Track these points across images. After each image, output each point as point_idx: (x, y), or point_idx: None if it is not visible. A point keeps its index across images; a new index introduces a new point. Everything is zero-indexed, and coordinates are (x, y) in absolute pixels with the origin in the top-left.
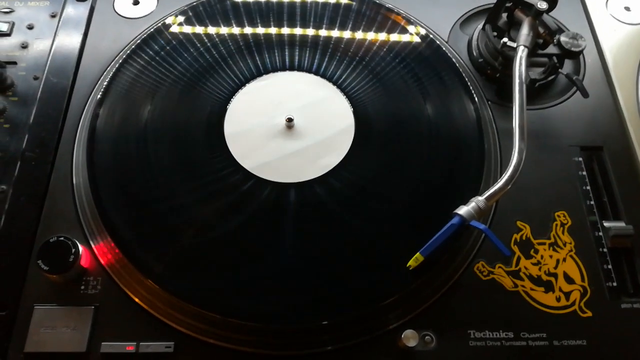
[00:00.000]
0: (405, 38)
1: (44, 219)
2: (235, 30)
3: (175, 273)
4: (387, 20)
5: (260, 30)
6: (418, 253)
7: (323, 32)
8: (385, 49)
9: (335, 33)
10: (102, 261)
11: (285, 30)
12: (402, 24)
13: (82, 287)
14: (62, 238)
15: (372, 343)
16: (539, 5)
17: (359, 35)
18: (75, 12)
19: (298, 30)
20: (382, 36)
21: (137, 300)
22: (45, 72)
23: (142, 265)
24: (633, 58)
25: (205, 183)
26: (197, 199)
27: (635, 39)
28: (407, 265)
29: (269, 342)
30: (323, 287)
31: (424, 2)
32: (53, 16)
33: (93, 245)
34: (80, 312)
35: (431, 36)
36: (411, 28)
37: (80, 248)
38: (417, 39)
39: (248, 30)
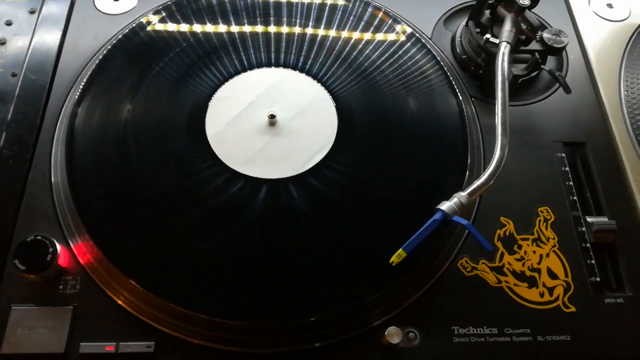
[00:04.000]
0: (389, 35)
1: (22, 218)
2: (219, 26)
3: (156, 272)
4: (372, 17)
5: (245, 26)
6: (400, 249)
7: (307, 29)
8: (368, 46)
9: (319, 30)
10: (81, 261)
11: (270, 27)
12: (386, 20)
13: (61, 287)
14: (39, 237)
15: (357, 340)
16: (521, 2)
17: (343, 32)
18: (55, 8)
19: (282, 27)
20: (366, 33)
21: (116, 299)
22: (24, 68)
23: (122, 264)
24: (615, 55)
25: (186, 180)
26: (178, 196)
27: (618, 35)
28: (390, 261)
29: (252, 340)
30: (306, 285)
31: None
32: (32, 12)
33: (72, 245)
34: (58, 312)
35: (415, 33)
36: (395, 25)
37: (58, 247)
38: (400, 36)
39: (232, 25)
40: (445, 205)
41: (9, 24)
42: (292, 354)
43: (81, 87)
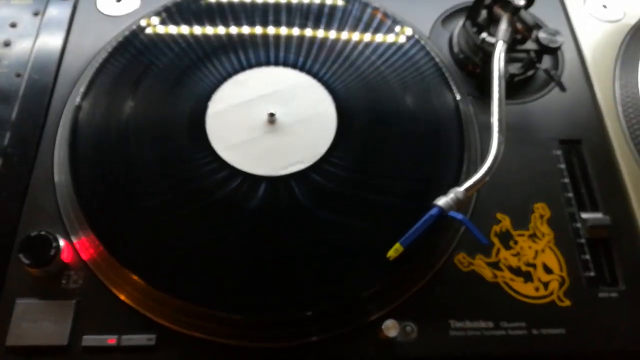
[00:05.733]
0: (387, 35)
1: (26, 215)
2: (219, 26)
3: (157, 266)
4: (370, 17)
5: (244, 26)
6: (398, 243)
7: (306, 29)
8: (367, 46)
9: (318, 29)
10: (83, 256)
11: (269, 27)
12: (385, 21)
13: (64, 282)
14: (43, 232)
15: (354, 334)
16: (516, 2)
17: (342, 31)
18: (58, 10)
19: (281, 27)
20: (364, 33)
21: (118, 294)
22: (28, 69)
23: (124, 258)
24: (610, 54)
25: (187, 178)
26: (179, 193)
27: (613, 35)
28: (387, 255)
29: (250, 334)
30: (303, 279)
31: None
32: (36, 14)
33: (74, 241)
34: (61, 305)
35: (413, 33)
36: (393, 25)
37: (62, 242)
38: (399, 36)
39: (231, 26)
40: (441, 201)
41: (13, 25)
42: (291, 348)
43: (83, 86)
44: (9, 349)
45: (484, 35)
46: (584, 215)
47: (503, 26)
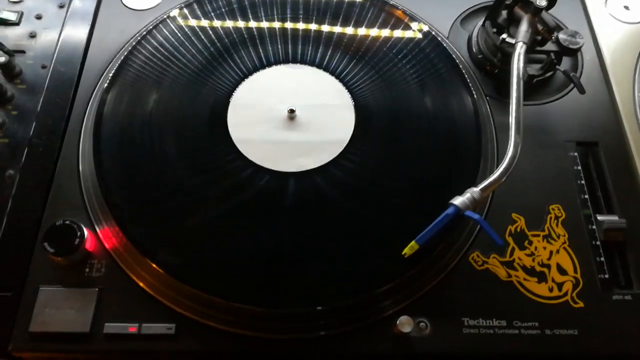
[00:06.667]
0: (406, 34)
1: (50, 204)
2: (240, 23)
3: (178, 257)
4: (389, 16)
5: (265, 23)
6: (413, 241)
7: (326, 27)
8: (386, 44)
9: (338, 28)
10: (106, 245)
11: (289, 24)
12: (404, 19)
13: (87, 270)
14: (67, 222)
15: (368, 329)
16: (538, 3)
17: (361, 30)
18: (83, 3)
19: (301, 24)
20: (383, 31)
21: (140, 283)
22: (53, 61)
23: (146, 249)
24: (630, 56)
25: (208, 170)
26: (200, 185)
27: (633, 37)
28: (403, 253)
29: (268, 326)
30: (320, 274)
31: None
32: (61, 7)
33: (98, 230)
34: (84, 293)
35: (432, 32)
36: (412, 24)
37: (86, 232)
38: (418, 35)
39: (252, 23)
40: (458, 200)
41: (39, 17)
42: (305, 341)
43: (108, 79)
44: (33, 334)
45: (503, 36)
46: (600, 218)
47: (523, 27)
